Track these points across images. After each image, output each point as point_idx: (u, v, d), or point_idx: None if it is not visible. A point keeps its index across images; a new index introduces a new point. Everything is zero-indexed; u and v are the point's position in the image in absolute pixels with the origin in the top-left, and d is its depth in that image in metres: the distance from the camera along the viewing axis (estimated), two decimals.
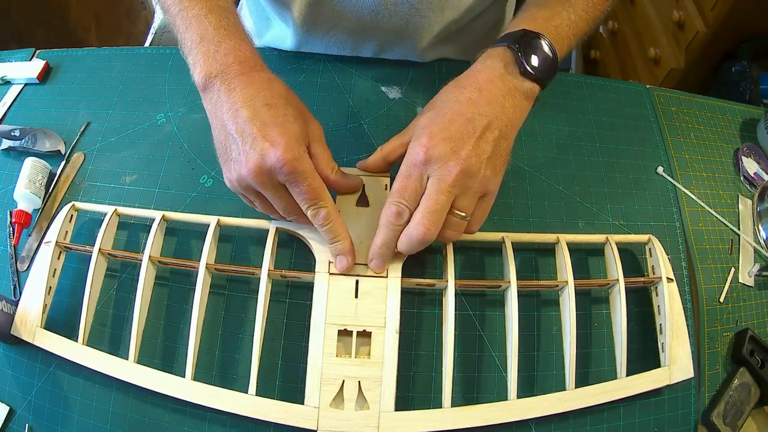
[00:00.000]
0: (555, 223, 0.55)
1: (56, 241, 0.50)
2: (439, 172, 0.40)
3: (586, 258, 0.54)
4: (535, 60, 0.43)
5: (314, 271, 0.47)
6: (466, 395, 0.48)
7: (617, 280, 0.49)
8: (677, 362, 0.48)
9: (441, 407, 0.44)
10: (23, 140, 0.58)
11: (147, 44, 1.84)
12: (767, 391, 0.51)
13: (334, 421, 0.42)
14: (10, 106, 0.63)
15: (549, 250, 0.53)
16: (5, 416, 0.47)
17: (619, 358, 0.48)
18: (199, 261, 0.48)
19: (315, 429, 0.43)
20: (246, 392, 0.44)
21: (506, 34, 0.46)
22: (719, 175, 0.63)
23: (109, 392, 0.47)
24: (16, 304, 0.49)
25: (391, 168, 0.50)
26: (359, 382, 0.43)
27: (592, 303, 0.52)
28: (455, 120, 0.41)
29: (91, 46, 0.70)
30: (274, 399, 0.44)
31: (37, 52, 0.68)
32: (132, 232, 0.54)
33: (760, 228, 0.60)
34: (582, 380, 0.48)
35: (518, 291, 0.48)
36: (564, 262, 0.49)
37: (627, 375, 0.47)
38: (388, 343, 0.44)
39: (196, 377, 0.45)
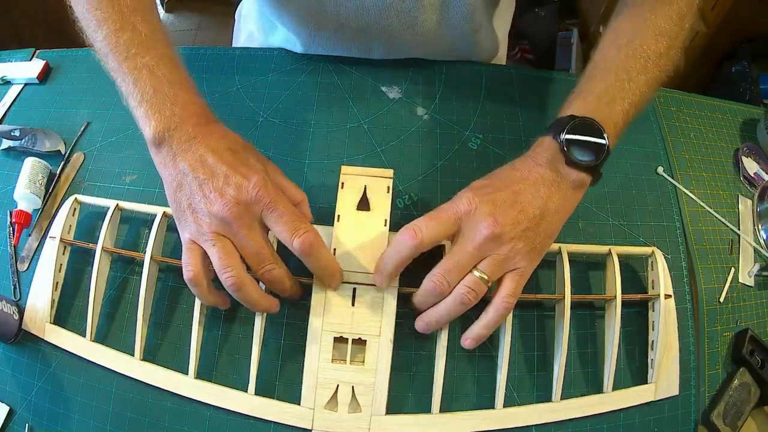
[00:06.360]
0: None
1: (61, 237, 0.50)
2: (471, 232, 0.42)
3: (587, 269, 0.53)
4: (581, 150, 0.43)
5: (312, 278, 0.46)
6: (467, 395, 0.48)
7: (614, 296, 0.49)
8: (664, 379, 0.49)
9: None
10: (23, 140, 0.58)
11: None
12: (767, 391, 0.51)
13: (327, 422, 0.44)
14: (10, 106, 0.63)
15: (551, 260, 0.52)
16: (5, 416, 0.47)
17: (607, 372, 0.48)
18: None
19: (310, 429, 0.44)
20: (246, 391, 0.45)
21: (556, 120, 0.45)
22: (719, 175, 0.63)
23: (110, 392, 0.47)
24: (16, 304, 0.49)
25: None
26: (353, 387, 0.44)
27: (597, 308, 0.52)
28: (503, 189, 0.43)
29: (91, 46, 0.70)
30: (273, 398, 0.45)
31: (37, 52, 0.68)
32: (132, 227, 0.54)
33: (760, 228, 0.60)
34: (584, 383, 0.49)
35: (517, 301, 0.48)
36: (564, 275, 0.48)
37: (614, 389, 0.48)
38: (383, 351, 0.45)
39: (198, 376, 0.46)
